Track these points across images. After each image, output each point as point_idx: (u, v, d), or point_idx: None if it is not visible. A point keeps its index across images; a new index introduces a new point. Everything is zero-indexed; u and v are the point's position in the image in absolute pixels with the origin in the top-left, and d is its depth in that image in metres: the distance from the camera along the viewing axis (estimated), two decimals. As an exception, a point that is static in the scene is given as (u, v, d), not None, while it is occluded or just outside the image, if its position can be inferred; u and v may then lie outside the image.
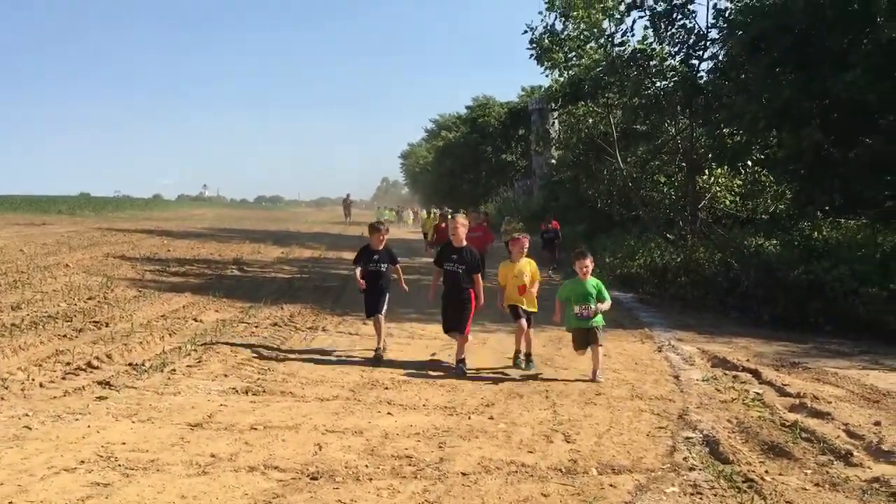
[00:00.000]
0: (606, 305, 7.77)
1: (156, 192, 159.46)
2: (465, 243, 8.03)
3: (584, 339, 7.68)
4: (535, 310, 8.23)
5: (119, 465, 4.62)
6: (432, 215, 26.27)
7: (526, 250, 8.29)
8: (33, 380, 6.72)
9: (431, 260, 10.58)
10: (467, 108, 54.05)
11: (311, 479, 4.53)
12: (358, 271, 8.45)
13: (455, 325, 7.91)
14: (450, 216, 10.32)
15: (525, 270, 8.09)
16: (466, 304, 7.87)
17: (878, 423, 6.12)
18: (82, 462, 4.67)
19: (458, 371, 7.69)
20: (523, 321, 8.04)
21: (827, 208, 14.17)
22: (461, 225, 8.08)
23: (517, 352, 8.30)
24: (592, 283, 7.78)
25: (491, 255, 14.45)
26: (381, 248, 8.66)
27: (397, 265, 8.84)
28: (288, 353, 8.50)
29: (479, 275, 8.02)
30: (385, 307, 8.58)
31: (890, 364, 8.92)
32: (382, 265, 8.60)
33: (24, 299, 10.83)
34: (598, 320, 7.67)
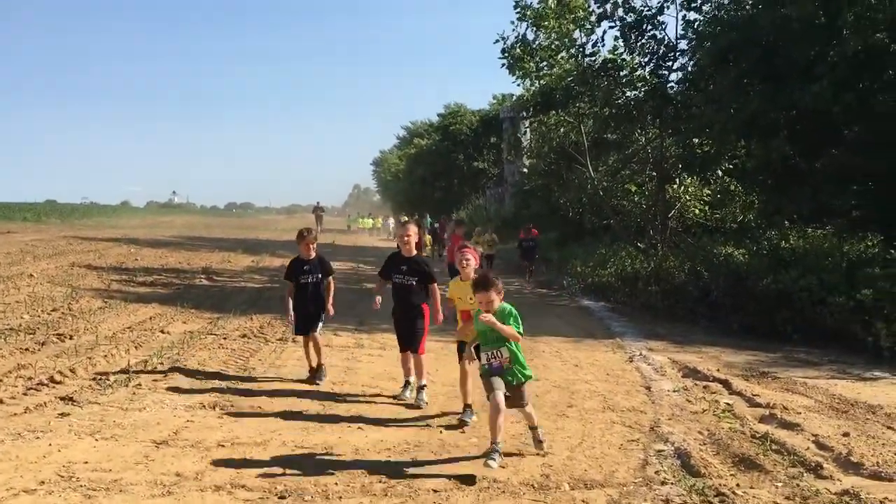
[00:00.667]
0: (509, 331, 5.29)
1: (124, 198, 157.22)
2: (414, 253, 7.20)
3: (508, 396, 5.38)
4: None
5: (81, 486, 4.50)
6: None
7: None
8: (-5, 393, 6.55)
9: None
10: (439, 115, 54.02)
11: (279, 498, 4.45)
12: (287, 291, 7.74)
13: (409, 343, 7.09)
14: (402, 222, 8.79)
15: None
16: (419, 321, 7.02)
17: (846, 434, 6.17)
18: (42, 483, 4.54)
19: (418, 404, 6.86)
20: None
21: (795, 217, 14.33)
22: (412, 234, 7.14)
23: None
24: (504, 311, 5.36)
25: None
26: (311, 256, 7.83)
27: (330, 278, 7.89)
28: (257, 366, 8.38)
29: (435, 285, 7.16)
30: (321, 324, 7.80)
31: (857, 373, 9.02)
32: (314, 276, 7.75)
33: (-15, 311, 10.58)
34: (520, 374, 5.44)
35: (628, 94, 19.02)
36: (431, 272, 7.15)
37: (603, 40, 19.19)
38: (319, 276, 7.76)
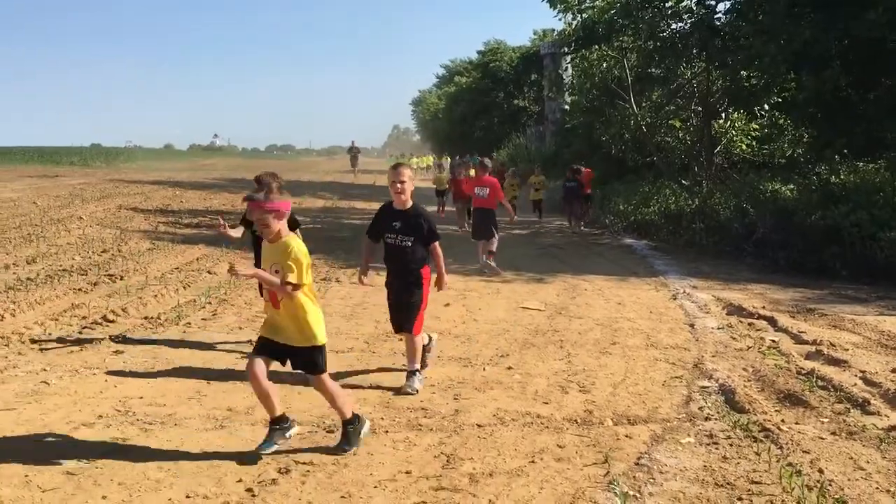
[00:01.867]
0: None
1: (167, 141, 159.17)
2: (411, 203, 5.60)
3: None
4: None
5: (137, 420, 4.66)
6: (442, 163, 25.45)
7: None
8: (50, 334, 6.77)
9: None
10: (478, 53, 53.27)
11: (327, 431, 4.55)
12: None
13: (401, 322, 5.61)
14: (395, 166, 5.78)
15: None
16: (415, 292, 5.54)
17: (895, 371, 6.08)
18: (100, 416, 4.71)
19: (408, 388, 5.40)
20: None
21: (845, 151, 13.93)
22: (407, 179, 5.49)
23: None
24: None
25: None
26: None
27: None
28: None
29: (437, 244, 5.67)
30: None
31: (907, 310, 8.84)
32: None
33: (38, 253, 10.88)
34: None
35: (673, 26, 18.50)
36: (434, 228, 5.63)
37: (648, -30, 18.61)
38: None
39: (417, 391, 5.35)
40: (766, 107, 17.12)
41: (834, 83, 13.61)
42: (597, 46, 20.91)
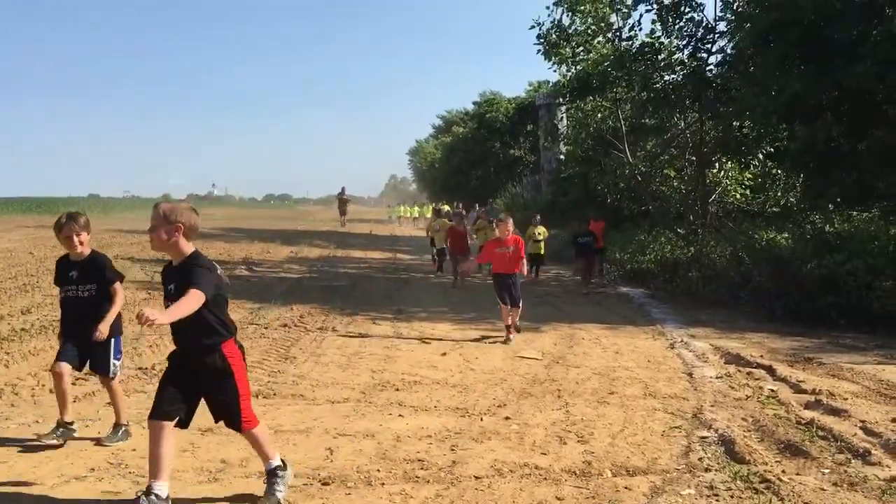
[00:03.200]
0: None
1: (165, 191, 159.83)
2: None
3: None
4: None
5: (130, 473, 4.60)
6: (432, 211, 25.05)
7: None
8: (43, 386, 6.71)
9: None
10: (474, 103, 53.91)
11: (322, 484, 4.48)
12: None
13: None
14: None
15: None
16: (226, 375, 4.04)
17: (895, 420, 6.04)
18: (92, 469, 4.64)
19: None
20: None
21: (838, 200, 14.05)
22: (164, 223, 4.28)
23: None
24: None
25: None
26: (83, 256, 5.21)
27: (117, 285, 5.33)
28: (298, 355, 8.46)
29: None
30: (117, 362, 5.44)
31: (906, 358, 8.82)
32: (88, 287, 5.18)
33: (33, 303, 10.84)
34: None
35: (666, 77, 18.77)
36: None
37: (640, 24, 18.97)
38: (95, 286, 5.18)
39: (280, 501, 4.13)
40: (760, 156, 17.29)
41: (825, 134, 13.78)
42: (591, 97, 21.19)
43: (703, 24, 17.54)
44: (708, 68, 17.88)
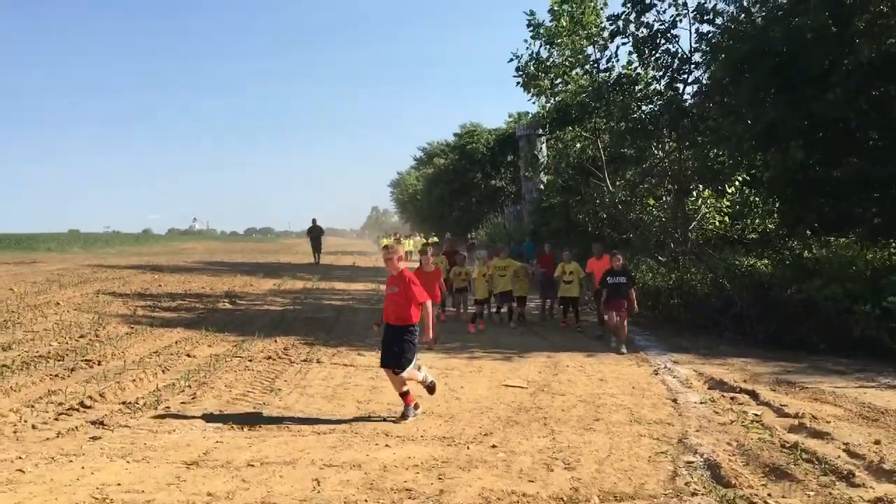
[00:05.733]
0: None
1: (145, 226, 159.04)
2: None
3: None
4: None
5: (114, 507, 4.55)
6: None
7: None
8: (26, 421, 6.64)
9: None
10: (455, 135, 54.27)
11: (311, 515, 4.47)
12: None
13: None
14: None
15: None
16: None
17: (878, 442, 6.11)
18: (77, 505, 4.60)
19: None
20: None
21: (816, 226, 14.24)
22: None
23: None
24: None
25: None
26: None
27: None
28: (283, 387, 8.43)
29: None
30: None
31: (886, 381, 8.94)
32: None
33: (14, 339, 10.73)
34: None
35: (644, 108, 19.00)
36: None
37: (617, 55, 19.18)
38: None
39: None
40: (737, 184, 17.51)
41: (799, 162, 14.00)
42: (570, 128, 21.40)
43: (679, 56, 17.82)
44: (684, 98, 18.15)
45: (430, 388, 7.47)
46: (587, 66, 19.48)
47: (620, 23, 17.87)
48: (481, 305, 14.58)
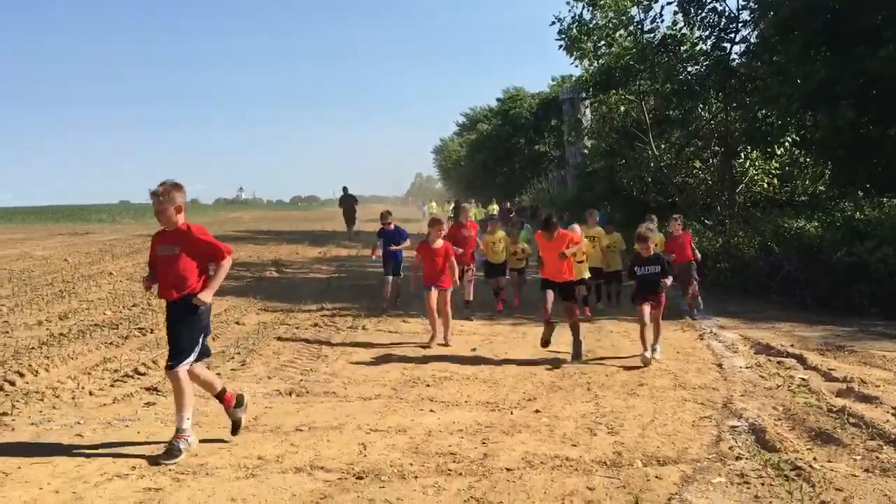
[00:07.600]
0: None
1: (193, 196, 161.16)
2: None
3: None
4: None
5: (169, 470, 4.71)
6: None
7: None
8: (83, 388, 6.89)
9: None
10: (498, 100, 53.89)
11: (357, 478, 4.58)
12: None
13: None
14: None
15: None
16: None
17: (928, 406, 6.01)
18: (133, 468, 4.77)
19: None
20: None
21: (868, 186, 13.88)
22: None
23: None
24: None
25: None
26: None
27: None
28: (329, 353, 8.58)
29: None
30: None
31: (939, 345, 8.74)
32: None
33: (70, 309, 11.08)
34: None
35: (690, 69, 18.67)
36: None
37: (661, 16, 18.90)
38: None
39: None
40: (786, 145, 17.13)
41: (850, 121, 13.61)
42: (614, 91, 21.11)
43: (726, 14, 17.42)
44: (731, 58, 17.75)
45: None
46: (631, 28, 19.17)
47: (666, -20, 17.49)
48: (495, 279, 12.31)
